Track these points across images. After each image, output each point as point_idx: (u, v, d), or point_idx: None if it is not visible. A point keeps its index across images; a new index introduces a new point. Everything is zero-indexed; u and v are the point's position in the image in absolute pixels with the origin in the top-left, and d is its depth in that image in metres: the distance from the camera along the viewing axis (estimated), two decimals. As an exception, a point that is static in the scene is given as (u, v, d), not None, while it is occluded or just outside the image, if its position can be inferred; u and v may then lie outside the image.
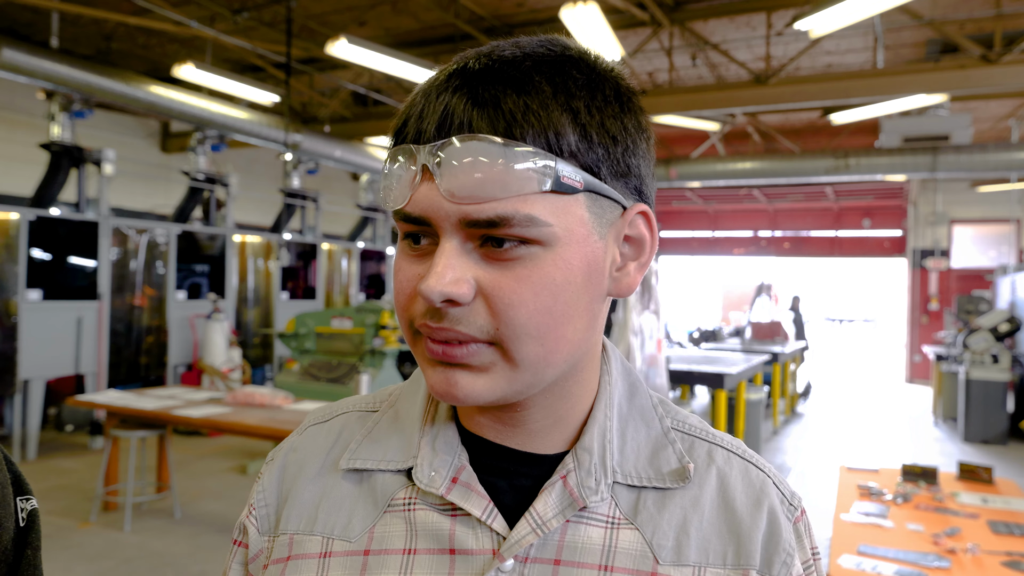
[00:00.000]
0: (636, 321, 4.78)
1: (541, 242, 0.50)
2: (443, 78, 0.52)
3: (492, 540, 0.54)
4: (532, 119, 0.49)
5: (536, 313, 0.50)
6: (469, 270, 0.50)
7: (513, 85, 0.50)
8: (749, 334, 10.08)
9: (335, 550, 0.57)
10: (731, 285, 24.13)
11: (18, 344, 6.09)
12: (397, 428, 0.61)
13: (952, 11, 6.66)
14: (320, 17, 7.21)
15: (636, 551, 0.54)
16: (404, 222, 0.52)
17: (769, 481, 0.60)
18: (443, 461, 0.57)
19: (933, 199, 13.04)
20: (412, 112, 0.52)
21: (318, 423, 0.66)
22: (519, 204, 0.48)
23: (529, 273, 0.50)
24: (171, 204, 9.39)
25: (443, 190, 0.49)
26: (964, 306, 10.10)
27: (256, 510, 0.62)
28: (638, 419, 0.60)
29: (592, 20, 5.42)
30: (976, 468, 3.40)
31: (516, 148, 0.48)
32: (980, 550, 2.43)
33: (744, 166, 9.65)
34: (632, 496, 0.56)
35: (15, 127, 8.56)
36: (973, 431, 7.80)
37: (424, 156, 0.49)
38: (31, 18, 7.29)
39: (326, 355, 6.42)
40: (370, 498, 0.58)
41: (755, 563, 0.56)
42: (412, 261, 0.53)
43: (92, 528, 4.44)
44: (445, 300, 0.49)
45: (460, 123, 0.49)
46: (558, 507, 0.54)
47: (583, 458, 0.56)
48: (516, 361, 0.51)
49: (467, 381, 0.51)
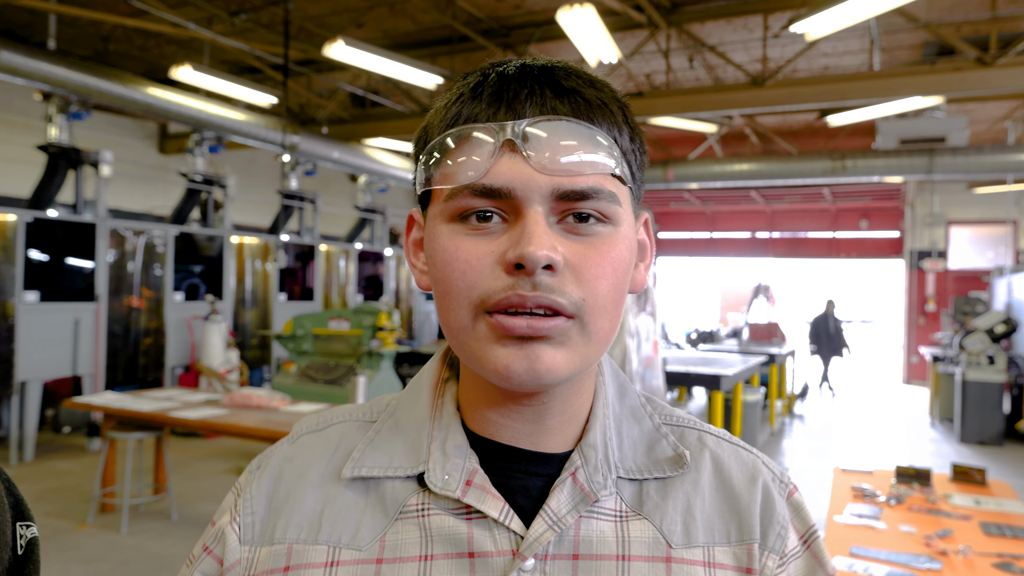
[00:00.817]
0: (632, 323, 4.79)
1: (613, 221, 0.54)
2: (512, 71, 0.55)
3: (510, 541, 0.55)
4: (606, 112, 0.55)
5: (612, 287, 0.54)
6: (557, 241, 0.52)
7: (585, 82, 0.55)
8: (746, 335, 10.10)
9: (343, 559, 0.56)
10: (729, 286, 24.15)
11: (15, 346, 6.09)
12: (400, 435, 0.60)
13: (948, 13, 6.68)
14: (318, 19, 7.22)
15: (649, 539, 0.56)
16: (477, 196, 0.52)
17: (759, 461, 0.63)
18: (455, 464, 0.57)
19: (930, 200, 13.07)
20: (481, 97, 0.54)
21: (312, 432, 0.64)
22: (603, 181, 0.53)
23: (609, 248, 0.53)
24: (169, 206, 9.39)
25: (534, 163, 0.51)
26: (961, 307, 10.13)
27: (241, 517, 0.60)
28: (630, 417, 0.62)
29: (589, 22, 5.44)
30: (969, 470, 3.41)
31: (598, 132, 0.53)
32: (971, 551, 2.45)
33: (742, 168, 9.67)
34: (634, 489, 0.58)
35: (12, 128, 8.56)
36: (969, 432, 7.82)
37: (508, 132, 0.52)
38: (28, 19, 7.30)
39: (324, 357, 6.42)
40: (379, 506, 0.58)
41: (756, 536, 0.58)
42: (476, 238, 0.53)
43: (89, 530, 4.44)
44: (546, 266, 0.50)
45: (545, 106, 0.53)
46: (571, 503, 0.56)
47: (589, 454, 0.58)
48: (591, 334, 0.53)
49: (550, 355, 0.52)
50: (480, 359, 0.53)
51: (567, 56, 8.10)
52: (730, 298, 23.71)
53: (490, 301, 0.52)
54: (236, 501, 0.62)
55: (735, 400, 6.37)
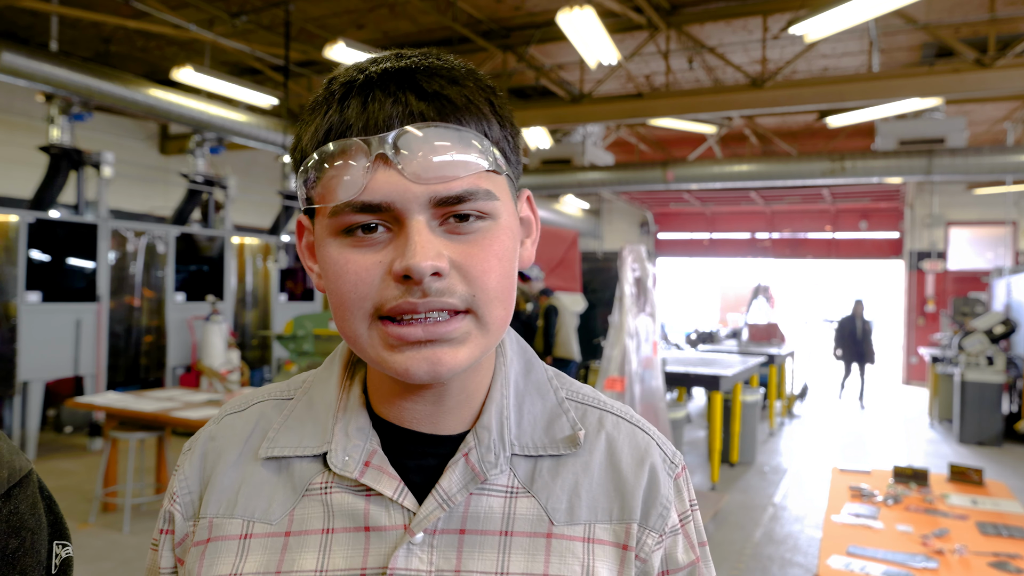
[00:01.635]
0: (632, 323, 4.81)
1: (492, 215, 0.56)
2: (375, 77, 0.56)
3: (404, 516, 0.59)
4: (472, 108, 0.56)
5: (501, 278, 0.57)
6: (441, 245, 0.54)
7: (448, 80, 0.56)
8: (746, 336, 10.11)
9: (255, 532, 0.60)
10: (728, 287, 24.17)
11: (17, 346, 6.11)
12: (311, 415, 0.64)
13: (947, 15, 6.70)
14: (318, 20, 7.24)
15: (533, 516, 0.60)
16: (358, 212, 0.54)
17: (653, 443, 0.66)
18: (356, 446, 0.61)
19: (929, 201, 13.09)
20: (347, 109, 0.55)
21: (234, 412, 0.68)
22: (478, 180, 0.55)
23: (491, 243, 0.56)
24: (170, 206, 9.41)
25: (408, 173, 0.53)
26: (960, 308, 10.14)
27: (179, 497, 0.65)
28: (534, 393, 0.65)
29: (589, 23, 5.46)
30: (967, 470, 3.43)
31: (466, 133, 0.55)
32: (968, 551, 2.47)
33: (741, 168, 9.68)
34: (529, 466, 0.62)
35: (14, 130, 8.58)
36: (968, 433, 7.83)
37: (380, 145, 0.53)
38: (30, 21, 7.32)
39: (324, 357, 6.44)
40: (289, 484, 0.62)
41: (636, 516, 0.62)
42: (364, 251, 0.55)
43: (91, 529, 4.47)
44: (433, 273, 0.53)
45: (411, 113, 0.54)
46: (461, 482, 0.59)
47: (483, 435, 0.61)
48: (487, 325, 0.57)
49: (450, 355, 0.55)
50: (380, 363, 0.57)
51: (567, 58, 8.11)
52: (729, 299, 23.74)
53: (384, 309, 0.54)
54: (172, 482, 0.67)
55: (734, 401, 6.38)
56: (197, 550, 0.61)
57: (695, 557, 0.66)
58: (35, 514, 0.66)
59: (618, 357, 4.72)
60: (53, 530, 0.68)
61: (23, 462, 0.67)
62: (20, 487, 0.65)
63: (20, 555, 0.63)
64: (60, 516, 0.69)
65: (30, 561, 0.64)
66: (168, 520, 0.65)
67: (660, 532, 0.63)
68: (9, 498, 0.64)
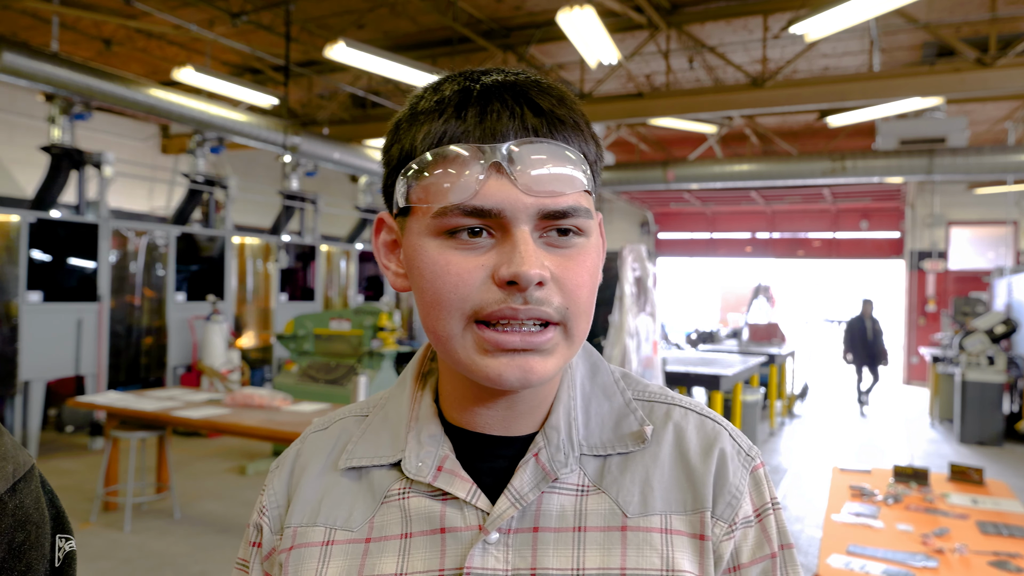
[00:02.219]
0: (632, 323, 4.81)
1: (586, 233, 0.59)
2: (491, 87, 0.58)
3: (478, 517, 0.60)
4: (577, 129, 0.59)
5: (589, 293, 0.59)
6: (543, 256, 0.56)
7: (556, 99, 0.59)
8: (746, 336, 10.11)
9: (337, 539, 0.63)
10: (729, 287, 24.16)
11: (19, 345, 6.11)
12: (387, 427, 0.67)
13: (948, 14, 6.70)
14: (319, 20, 7.24)
15: (605, 510, 0.61)
16: (467, 215, 0.55)
17: (724, 432, 0.66)
18: (428, 452, 0.63)
19: (930, 201, 13.08)
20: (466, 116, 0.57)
21: (318, 431, 0.72)
22: (579, 198, 0.58)
23: (584, 259, 0.58)
24: (171, 206, 9.42)
25: (520, 184, 0.55)
26: (961, 308, 10.14)
27: (268, 511, 0.68)
28: (600, 395, 0.66)
29: (589, 23, 5.46)
30: (967, 469, 3.43)
31: (572, 151, 0.57)
32: (968, 550, 2.47)
33: (741, 168, 9.68)
34: (598, 464, 0.63)
35: (15, 130, 8.59)
36: (969, 432, 7.83)
37: (496, 155, 0.55)
38: (31, 22, 7.33)
39: (325, 357, 6.44)
40: (368, 493, 0.64)
41: (708, 505, 0.61)
42: (466, 253, 0.56)
43: (92, 528, 4.47)
44: (537, 282, 0.55)
45: (525, 127, 0.56)
46: (532, 481, 0.60)
47: (551, 435, 0.62)
48: (573, 337, 0.59)
49: (541, 364, 0.57)
50: (470, 366, 0.58)
51: (567, 58, 8.11)
52: (730, 298, 23.73)
53: (483, 312, 0.56)
54: (262, 498, 0.71)
55: (735, 400, 6.39)
56: (281, 557, 0.65)
57: (770, 553, 0.63)
58: (39, 508, 0.66)
59: (618, 357, 4.73)
60: (56, 524, 0.68)
61: (26, 456, 0.67)
62: (25, 481, 0.66)
63: (26, 548, 0.64)
64: (62, 510, 0.70)
65: (35, 555, 0.65)
66: (257, 532, 0.69)
67: (729, 522, 0.61)
68: (15, 492, 0.64)
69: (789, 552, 0.65)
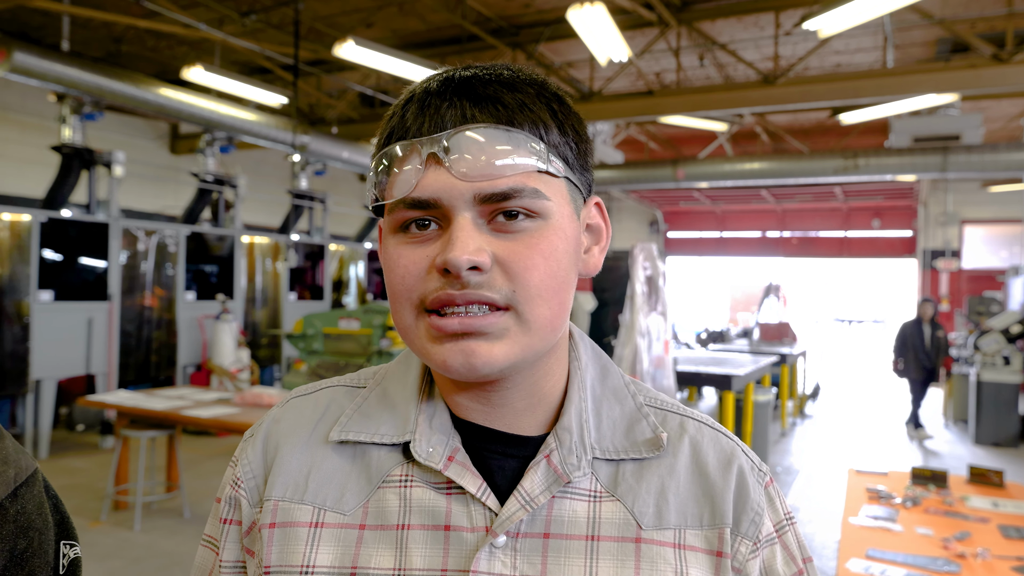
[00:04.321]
0: (643, 322, 4.76)
1: (542, 215, 0.56)
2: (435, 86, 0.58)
3: (485, 517, 0.57)
4: (527, 112, 0.57)
5: (546, 277, 0.56)
6: (485, 241, 0.55)
7: (505, 86, 0.58)
8: (757, 335, 10.04)
9: (327, 521, 0.59)
10: (739, 286, 24.05)
11: (30, 344, 6.13)
12: (388, 405, 0.63)
13: (963, 10, 6.61)
14: (328, 19, 7.23)
15: (619, 520, 0.58)
16: (410, 208, 0.56)
17: (738, 449, 0.65)
18: (439, 439, 0.60)
19: (944, 199, 12.96)
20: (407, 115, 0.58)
21: (301, 395, 0.68)
22: (525, 179, 0.56)
23: (537, 241, 0.56)
24: (180, 205, 9.43)
25: (456, 172, 0.54)
26: (975, 307, 10.03)
27: (244, 482, 0.63)
28: (611, 398, 0.64)
29: (599, 21, 5.42)
30: (987, 471, 3.37)
31: (517, 134, 0.56)
32: (990, 555, 2.41)
33: (752, 166, 9.61)
34: (611, 469, 0.60)
35: (27, 129, 8.62)
36: (984, 434, 7.74)
37: (431, 146, 0.55)
38: (42, 21, 7.35)
39: (334, 356, 6.43)
40: (364, 474, 0.60)
41: (728, 521, 0.60)
42: (415, 246, 0.57)
43: (103, 527, 4.47)
44: (471, 267, 0.54)
45: (464, 116, 0.56)
46: (544, 484, 0.58)
47: (564, 437, 0.60)
48: (529, 323, 0.56)
49: (485, 348, 0.55)
50: (424, 355, 0.58)
51: (577, 55, 8.08)
52: (740, 298, 23.62)
53: (427, 301, 0.56)
54: (235, 470, 0.65)
55: (746, 400, 6.33)
56: (263, 533, 0.60)
57: (798, 570, 0.63)
58: (42, 514, 0.64)
59: (629, 356, 4.69)
60: (60, 530, 0.66)
61: (28, 461, 0.65)
62: (27, 486, 0.64)
63: (28, 556, 0.62)
64: (66, 516, 0.68)
65: (38, 562, 0.62)
66: (234, 507, 0.63)
67: (754, 540, 0.60)
68: (16, 497, 0.62)
69: (811, 565, 0.64)
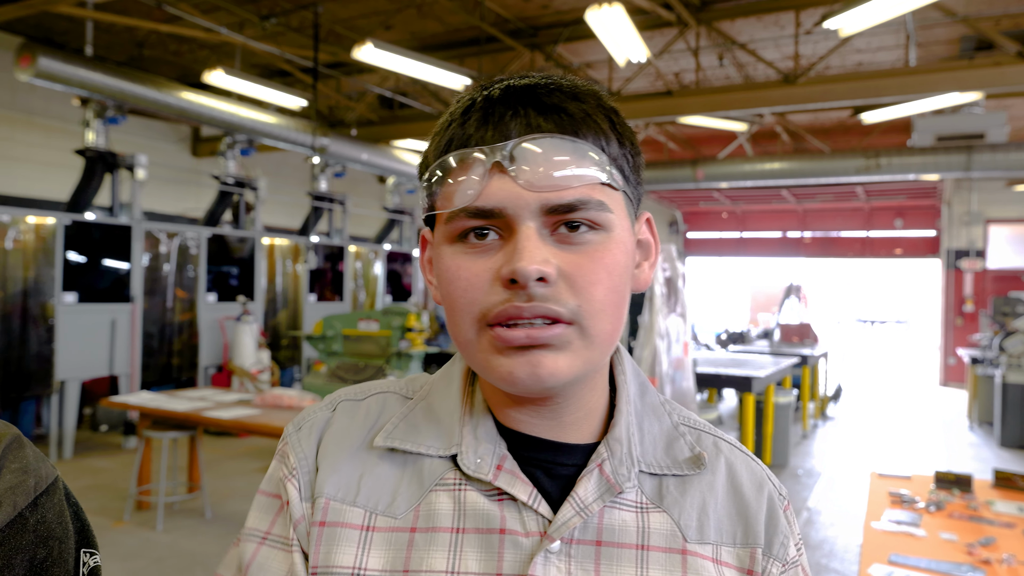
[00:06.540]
0: (662, 324, 4.74)
1: (605, 227, 0.56)
2: (497, 94, 0.58)
3: (538, 524, 0.58)
4: (590, 122, 0.57)
5: (609, 291, 0.56)
6: (550, 253, 0.54)
7: (568, 96, 0.58)
8: (778, 336, 9.95)
9: (378, 525, 0.59)
10: (759, 286, 23.85)
11: (55, 346, 6.23)
12: (433, 419, 0.63)
13: (987, 7, 6.51)
14: (347, 22, 7.28)
15: (667, 531, 0.60)
16: (472, 217, 0.55)
17: (765, 473, 0.67)
18: (486, 449, 0.60)
19: (968, 199, 12.76)
20: (468, 123, 0.57)
21: (352, 400, 0.66)
22: (590, 191, 0.55)
23: (601, 255, 0.56)
24: (201, 208, 9.54)
25: (522, 181, 0.54)
26: (1000, 308, 9.86)
27: (300, 474, 0.62)
28: (651, 415, 0.65)
29: (618, 21, 5.40)
30: (1013, 475, 3.32)
31: (582, 145, 0.55)
32: (1016, 561, 2.37)
33: (772, 166, 9.53)
34: (654, 483, 0.62)
35: (51, 133, 8.76)
36: (1009, 436, 7.61)
37: (496, 154, 0.55)
38: (66, 27, 7.47)
39: (353, 357, 6.47)
40: (416, 478, 0.60)
41: (760, 542, 0.62)
42: (475, 256, 0.56)
43: (126, 527, 4.53)
44: (538, 279, 0.53)
45: (529, 125, 0.56)
46: (597, 492, 0.58)
47: (615, 447, 0.60)
48: (591, 337, 0.56)
49: (551, 360, 0.54)
50: (486, 369, 0.57)
51: (595, 56, 8.06)
52: (760, 298, 23.43)
53: (490, 314, 0.55)
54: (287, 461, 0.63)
55: (767, 402, 6.28)
56: (313, 530, 0.59)
57: None
58: (62, 522, 0.64)
59: (648, 358, 4.66)
60: (80, 538, 0.65)
61: (49, 469, 0.65)
62: (47, 495, 0.63)
63: (48, 565, 0.61)
64: (87, 524, 0.68)
65: (58, 571, 0.62)
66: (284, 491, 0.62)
67: (783, 562, 0.62)
68: (37, 507, 0.62)
69: None
